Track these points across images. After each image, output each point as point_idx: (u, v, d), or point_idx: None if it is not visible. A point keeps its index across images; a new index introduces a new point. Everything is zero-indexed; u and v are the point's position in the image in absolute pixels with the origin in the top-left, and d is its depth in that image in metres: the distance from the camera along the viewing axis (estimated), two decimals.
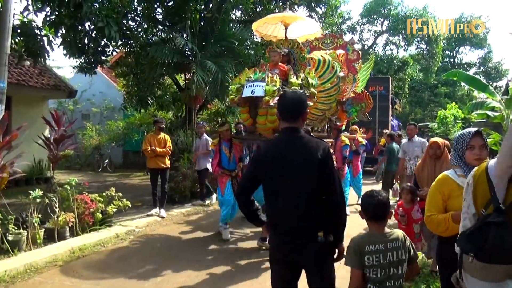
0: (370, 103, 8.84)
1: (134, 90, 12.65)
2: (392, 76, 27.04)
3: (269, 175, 2.58)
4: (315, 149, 2.51)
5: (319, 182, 2.48)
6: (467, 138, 2.62)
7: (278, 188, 2.55)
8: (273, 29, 7.23)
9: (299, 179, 2.50)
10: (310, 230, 2.49)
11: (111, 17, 8.67)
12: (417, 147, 7.62)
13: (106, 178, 13.57)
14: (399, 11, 28.68)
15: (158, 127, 8.19)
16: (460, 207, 2.38)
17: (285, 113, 2.64)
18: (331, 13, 14.68)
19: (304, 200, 2.49)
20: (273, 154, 2.60)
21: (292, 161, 2.52)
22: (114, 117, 17.04)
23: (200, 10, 11.85)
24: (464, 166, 2.63)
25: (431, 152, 4.31)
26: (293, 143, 2.57)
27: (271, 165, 2.57)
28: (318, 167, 2.47)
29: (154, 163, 8.00)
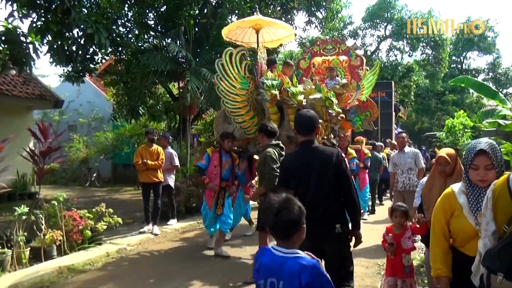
0: (375, 111, 8.93)
1: (124, 99, 12.71)
2: (397, 83, 27.24)
3: (297, 178, 3.37)
4: (330, 155, 3.34)
5: (337, 182, 3.30)
6: (470, 156, 2.47)
7: (305, 188, 3.27)
8: (244, 35, 7.29)
9: (321, 180, 3.29)
10: (331, 221, 3.28)
11: (100, 23, 8.75)
12: (410, 158, 7.23)
13: (94, 193, 13.54)
14: (403, 15, 28.98)
15: (149, 139, 8.22)
16: (458, 229, 2.42)
17: (302, 129, 3.49)
18: (332, 18, 14.87)
19: (327, 196, 3.28)
20: (298, 161, 3.42)
21: (314, 166, 3.32)
22: (103, 128, 17.06)
23: (195, 16, 11.98)
24: (468, 183, 2.54)
25: (439, 169, 3.66)
26: (312, 152, 3.41)
27: (297, 170, 3.38)
28: (335, 170, 3.30)
29: (146, 177, 8.00)
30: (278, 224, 2.10)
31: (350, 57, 9.10)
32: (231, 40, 7.29)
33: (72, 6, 8.00)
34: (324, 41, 9.98)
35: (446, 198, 2.63)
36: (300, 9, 13.08)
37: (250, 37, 7.14)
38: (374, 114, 9.12)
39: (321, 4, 13.72)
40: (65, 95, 15.13)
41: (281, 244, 2.14)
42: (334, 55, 9.33)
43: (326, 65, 9.31)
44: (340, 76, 9.07)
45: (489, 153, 2.40)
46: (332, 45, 9.32)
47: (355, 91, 8.57)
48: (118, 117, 12.98)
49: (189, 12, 11.83)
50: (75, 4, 8.12)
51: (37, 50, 8.64)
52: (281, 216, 2.09)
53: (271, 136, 5.33)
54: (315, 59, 9.52)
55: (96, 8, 9.84)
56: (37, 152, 7.02)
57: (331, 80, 8.62)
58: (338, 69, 9.22)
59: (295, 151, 3.68)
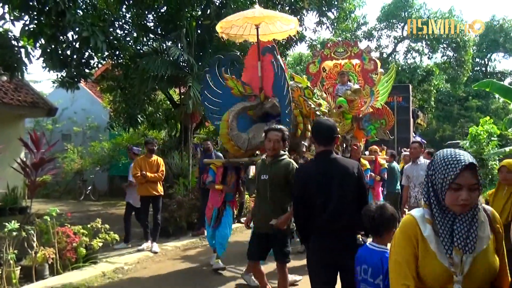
0: (391, 119, 8.88)
1: (121, 106, 12.80)
2: (416, 87, 27.22)
3: (315, 191, 3.44)
4: (351, 167, 3.47)
5: (354, 195, 3.41)
6: (452, 173, 1.93)
7: (326, 198, 3.39)
8: (244, 28, 7.02)
9: (343, 191, 3.39)
10: (351, 233, 3.44)
11: (97, 25, 8.87)
12: (424, 170, 6.88)
13: (89, 208, 13.60)
14: (421, 14, 29.04)
15: (149, 149, 8.26)
16: (427, 272, 1.96)
17: (321, 139, 3.58)
18: (344, 18, 14.92)
19: (347, 208, 3.37)
20: (316, 173, 3.50)
21: (333, 178, 3.41)
22: (99, 137, 17.16)
23: (197, 17, 12.09)
24: (437, 209, 2.00)
25: (500, 177, 3.95)
26: (330, 163, 3.50)
27: (316, 182, 3.45)
28: (357, 182, 3.44)
29: (145, 190, 8.03)
30: (373, 225, 3.05)
31: (363, 60, 9.10)
32: (228, 36, 7.08)
33: (67, 8, 8.10)
34: (335, 43, 10.00)
35: (407, 226, 2.08)
36: (310, 9, 13.15)
37: (250, 30, 6.85)
38: (390, 122, 9.07)
39: (333, 4, 13.77)
40: (58, 102, 15.26)
41: (375, 240, 3.09)
42: (346, 58, 9.34)
43: (338, 69, 9.31)
44: (352, 81, 9.07)
45: (476, 169, 1.95)
46: (344, 48, 9.32)
47: (369, 97, 8.56)
48: (115, 125, 13.07)
49: (191, 13, 11.95)
50: (70, 5, 8.21)
51: (30, 55, 8.75)
52: (376, 219, 3.03)
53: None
54: (326, 63, 9.51)
55: (92, 10, 9.97)
56: (29, 163, 7.10)
57: (343, 85, 8.63)
58: (351, 73, 9.22)
59: (312, 161, 3.84)
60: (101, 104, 17.18)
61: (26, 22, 8.48)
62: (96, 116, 17.72)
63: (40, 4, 8.11)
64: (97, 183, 16.54)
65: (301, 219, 3.59)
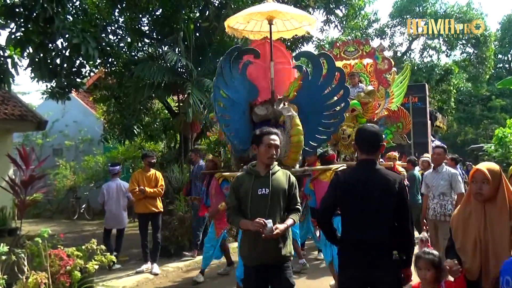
0: (408, 122, 8.83)
1: (116, 117, 12.85)
2: (434, 87, 27.19)
3: (350, 200, 3.52)
4: (393, 181, 3.47)
5: (395, 211, 3.43)
6: None
7: (359, 212, 3.46)
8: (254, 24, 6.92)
9: (379, 206, 3.43)
10: (387, 249, 3.42)
11: (88, 31, 8.93)
12: (444, 180, 6.73)
13: (83, 228, 13.63)
14: (437, 9, 29.14)
15: (147, 162, 8.29)
16: None
17: (365, 146, 3.62)
18: (354, 16, 14.92)
19: (384, 223, 3.42)
20: (354, 182, 3.54)
21: (372, 190, 3.44)
22: (93, 151, 17.24)
23: (195, 19, 12.15)
24: None
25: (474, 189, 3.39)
26: (373, 173, 3.53)
27: (352, 192, 3.51)
28: (397, 197, 3.43)
29: (144, 207, 8.05)
30: None
31: (376, 60, 9.09)
32: (235, 32, 6.94)
33: (56, 14, 8.18)
34: (345, 42, 10.02)
35: None
36: (316, 7, 13.19)
37: (261, 26, 6.78)
38: (407, 125, 9.04)
39: (341, 0, 13.81)
40: (48, 115, 15.37)
41: None
42: (357, 58, 9.35)
43: (348, 70, 9.31)
44: (364, 82, 9.06)
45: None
46: (354, 47, 9.33)
47: (384, 99, 8.56)
48: (110, 138, 13.11)
49: (189, 15, 11.99)
50: (58, 11, 8.29)
51: (17, 65, 8.83)
52: None
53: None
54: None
55: (83, 15, 10.05)
56: (17, 181, 7.13)
57: (353, 87, 8.63)
58: (362, 74, 9.21)
59: (354, 169, 3.87)
60: (94, 115, 17.28)
61: (12, 30, 8.56)
62: (89, 129, 17.79)
63: (26, 10, 8.19)
64: (91, 201, 16.53)
65: (329, 229, 3.80)
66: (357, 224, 3.50)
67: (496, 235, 3.17)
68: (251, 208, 3.92)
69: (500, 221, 3.18)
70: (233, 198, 4.03)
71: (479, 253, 3.20)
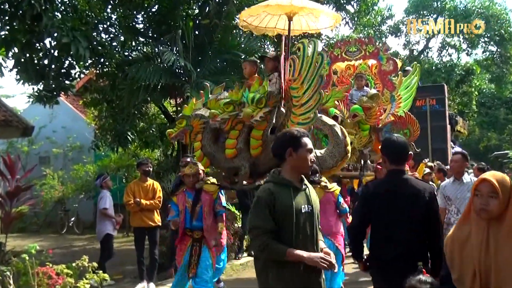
0: (416, 129, 8.70)
1: (108, 123, 12.87)
2: (454, 89, 27.14)
3: (382, 211, 3.75)
4: (423, 191, 3.73)
5: (425, 222, 3.66)
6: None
7: (390, 225, 3.69)
8: (269, 19, 6.81)
9: (411, 215, 3.62)
10: (415, 259, 3.36)
11: (78, 29, 8.98)
12: (470, 191, 6.52)
13: (73, 243, 13.62)
14: (457, 3, 29.15)
15: (142, 171, 8.30)
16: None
17: (395, 157, 3.91)
18: (366, 12, 14.97)
19: (413, 238, 3.63)
20: (385, 193, 3.81)
21: (404, 198, 3.68)
22: (82, 159, 17.22)
23: (194, 16, 12.18)
24: None
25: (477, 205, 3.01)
26: (401, 184, 3.80)
27: (383, 203, 3.76)
28: (425, 208, 3.68)
29: (140, 220, 8.05)
30: None
31: (380, 60, 9.02)
32: (249, 27, 6.84)
33: (44, 11, 8.24)
34: (346, 41, 9.96)
35: None
36: (326, 2, 13.24)
37: (277, 22, 6.68)
38: (415, 132, 8.93)
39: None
40: (35, 120, 15.33)
41: None
42: (360, 58, 9.27)
43: (351, 71, 9.23)
44: (369, 85, 9.01)
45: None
46: (357, 46, 9.21)
47: (389, 104, 8.49)
48: (101, 145, 13.12)
49: (187, 11, 12.03)
50: (47, 7, 8.36)
51: (1, 66, 8.89)
52: None
53: None
54: (337, 65, 9.42)
55: (73, 12, 10.08)
56: (2, 193, 7.14)
57: (358, 90, 8.58)
58: (367, 76, 9.14)
59: (383, 180, 4.23)
60: (84, 120, 17.28)
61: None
62: (78, 135, 17.78)
63: (12, 7, 8.26)
64: (81, 214, 16.54)
65: (360, 244, 4.08)
66: (388, 237, 3.72)
67: (502, 262, 2.72)
68: (296, 232, 3.37)
69: (508, 245, 2.74)
70: (269, 218, 3.34)
71: (478, 285, 2.77)
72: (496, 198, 2.78)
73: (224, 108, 5.82)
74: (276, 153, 3.60)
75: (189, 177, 6.34)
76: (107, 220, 8.59)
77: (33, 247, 6.54)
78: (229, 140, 5.96)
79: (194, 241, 6.36)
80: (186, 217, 6.35)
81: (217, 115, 5.78)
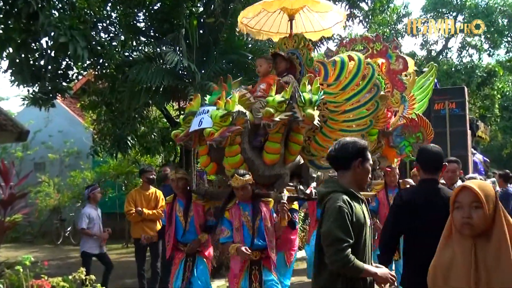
0: (429, 132, 8.50)
1: (107, 127, 12.88)
2: (475, 91, 27.04)
3: (413, 221, 3.96)
4: None
5: None
6: None
7: (423, 234, 3.81)
8: (272, 22, 6.94)
9: (441, 226, 3.36)
10: None
11: (76, 28, 9.00)
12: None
13: (69, 254, 13.65)
14: (478, 1, 29.04)
15: (146, 179, 8.32)
16: None
17: (428, 166, 4.20)
18: (381, 9, 14.93)
19: None
20: (417, 202, 4.05)
21: (437, 208, 3.81)
22: (80, 166, 17.29)
23: (198, 14, 12.19)
24: None
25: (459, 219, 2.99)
26: (435, 193, 4.03)
27: (415, 212, 3.99)
28: None
29: (141, 231, 8.06)
30: None
31: (389, 59, 8.93)
32: (249, 31, 6.96)
33: (40, 9, 8.26)
34: (352, 39, 9.87)
35: None
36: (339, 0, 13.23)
37: (280, 24, 6.81)
38: (428, 136, 8.70)
39: None
40: (30, 124, 15.43)
41: None
42: (367, 57, 9.18)
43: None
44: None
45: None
46: (364, 45, 9.08)
47: (400, 105, 8.40)
48: (100, 150, 13.14)
49: (191, 9, 12.04)
50: (43, 5, 8.39)
51: None
52: None
53: None
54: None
55: (71, 10, 10.12)
56: None
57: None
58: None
59: (415, 189, 4.55)
60: (82, 124, 17.35)
61: None
62: (76, 140, 17.84)
63: (7, 5, 8.29)
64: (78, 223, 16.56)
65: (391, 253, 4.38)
66: (420, 246, 3.82)
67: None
68: (364, 246, 3.50)
69: (500, 267, 2.45)
70: (350, 231, 3.37)
71: None
72: (481, 208, 2.51)
73: (278, 107, 5.30)
74: (340, 161, 3.61)
75: (238, 190, 5.46)
76: (87, 237, 8.48)
77: (27, 259, 6.55)
78: (273, 144, 5.57)
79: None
80: (245, 234, 5.60)
81: (273, 114, 5.21)
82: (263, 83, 6.25)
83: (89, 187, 9.09)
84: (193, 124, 5.62)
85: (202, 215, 6.19)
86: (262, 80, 6.33)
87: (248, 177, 5.42)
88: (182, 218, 6.13)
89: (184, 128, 5.78)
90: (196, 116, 5.64)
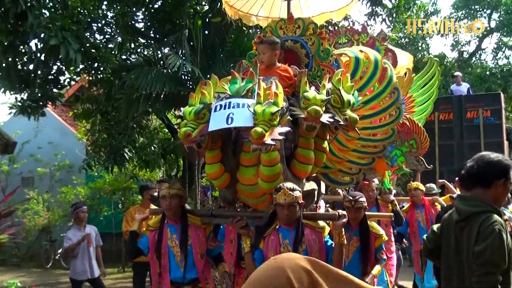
0: (424, 140, 8.24)
1: (102, 138, 12.91)
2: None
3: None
4: None
5: None
6: None
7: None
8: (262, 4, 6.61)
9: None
10: None
11: (69, 29, 9.02)
12: None
13: (59, 278, 13.65)
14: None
15: (149, 197, 8.30)
16: None
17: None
18: (406, 7, 14.89)
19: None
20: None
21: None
22: (72, 180, 17.29)
23: (203, 13, 12.23)
24: None
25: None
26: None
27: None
28: None
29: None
30: None
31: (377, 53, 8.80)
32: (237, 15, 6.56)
33: (29, 8, 8.31)
34: (334, 32, 9.72)
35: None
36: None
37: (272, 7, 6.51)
38: (423, 144, 8.42)
39: None
40: (17, 135, 15.46)
41: None
42: None
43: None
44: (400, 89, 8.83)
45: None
46: (348, 37, 8.97)
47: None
48: (94, 164, 13.16)
49: (195, 8, 12.09)
50: (33, 4, 8.45)
51: None
52: None
53: None
54: (345, 50, 9.29)
55: (62, 9, 10.19)
56: None
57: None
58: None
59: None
60: (74, 135, 17.40)
61: None
62: (68, 152, 17.80)
63: None
64: None
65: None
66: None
67: None
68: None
69: None
70: (506, 256, 3.49)
71: None
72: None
73: (321, 105, 4.50)
74: (481, 178, 3.69)
75: (284, 209, 4.59)
76: (74, 261, 8.52)
77: (13, 284, 6.60)
78: (306, 151, 4.84)
79: None
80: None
81: (321, 114, 4.42)
82: (271, 75, 5.23)
83: (74, 205, 9.07)
84: (214, 121, 4.52)
85: (203, 241, 5.40)
86: (266, 71, 5.34)
87: (299, 194, 4.61)
88: (177, 249, 5.26)
89: (196, 125, 4.58)
90: (215, 110, 4.60)
